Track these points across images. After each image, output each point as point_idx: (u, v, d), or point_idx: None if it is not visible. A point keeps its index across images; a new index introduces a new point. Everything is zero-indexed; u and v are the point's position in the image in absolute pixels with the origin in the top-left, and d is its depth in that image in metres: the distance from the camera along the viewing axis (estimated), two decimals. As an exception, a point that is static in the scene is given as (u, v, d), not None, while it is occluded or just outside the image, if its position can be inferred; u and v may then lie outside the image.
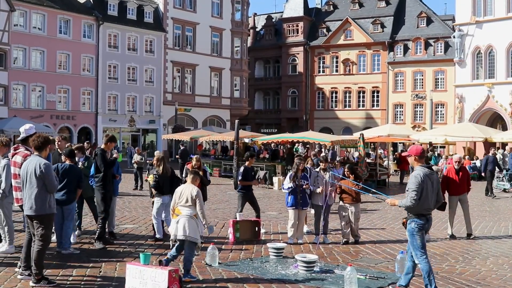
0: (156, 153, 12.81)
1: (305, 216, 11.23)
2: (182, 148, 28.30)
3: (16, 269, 7.46)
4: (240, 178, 11.72)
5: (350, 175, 10.70)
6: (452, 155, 33.45)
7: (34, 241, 7.03)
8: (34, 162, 7.00)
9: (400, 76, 50.21)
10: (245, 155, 12.73)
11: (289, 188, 10.57)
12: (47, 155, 7.40)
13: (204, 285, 7.34)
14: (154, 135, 45.59)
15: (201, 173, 10.71)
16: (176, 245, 7.65)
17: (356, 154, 26.70)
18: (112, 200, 10.19)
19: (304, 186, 10.54)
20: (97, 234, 9.63)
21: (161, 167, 10.44)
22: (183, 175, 11.78)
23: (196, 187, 7.69)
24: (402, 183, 26.06)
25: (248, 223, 10.90)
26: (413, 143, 36.09)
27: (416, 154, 7.03)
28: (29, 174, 6.96)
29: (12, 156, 7.60)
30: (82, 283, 7.23)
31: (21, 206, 7.39)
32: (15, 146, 7.76)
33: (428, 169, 6.98)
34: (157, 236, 10.40)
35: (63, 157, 9.15)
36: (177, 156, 28.18)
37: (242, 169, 11.85)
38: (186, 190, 7.61)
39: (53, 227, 7.88)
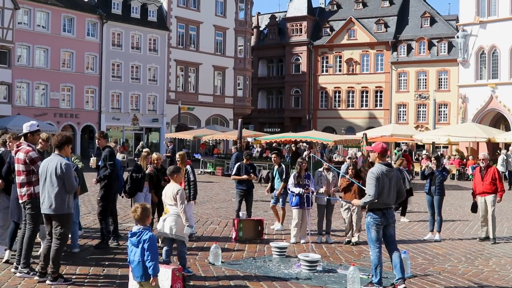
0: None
1: (308, 216, 11.24)
2: (170, 146, 28.70)
3: (13, 270, 7.41)
4: (233, 173, 12.14)
5: (353, 177, 10.68)
6: (455, 155, 33.61)
7: (49, 239, 7.03)
8: (55, 161, 6.95)
9: (404, 76, 50.14)
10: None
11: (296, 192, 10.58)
12: (68, 154, 7.33)
13: (207, 283, 7.38)
14: (157, 133, 45.63)
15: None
16: (165, 243, 7.68)
17: (359, 154, 26.66)
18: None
19: (305, 191, 10.51)
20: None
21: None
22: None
23: (179, 186, 7.70)
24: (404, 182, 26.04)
25: (251, 222, 10.93)
26: (415, 143, 36.01)
27: (379, 151, 7.35)
28: (49, 172, 6.91)
29: (16, 153, 7.55)
30: (86, 281, 7.25)
31: (23, 203, 7.35)
32: (17, 143, 7.73)
33: (386, 166, 7.26)
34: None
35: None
36: (166, 155, 28.24)
37: (236, 165, 12.15)
38: (169, 189, 7.64)
39: None
